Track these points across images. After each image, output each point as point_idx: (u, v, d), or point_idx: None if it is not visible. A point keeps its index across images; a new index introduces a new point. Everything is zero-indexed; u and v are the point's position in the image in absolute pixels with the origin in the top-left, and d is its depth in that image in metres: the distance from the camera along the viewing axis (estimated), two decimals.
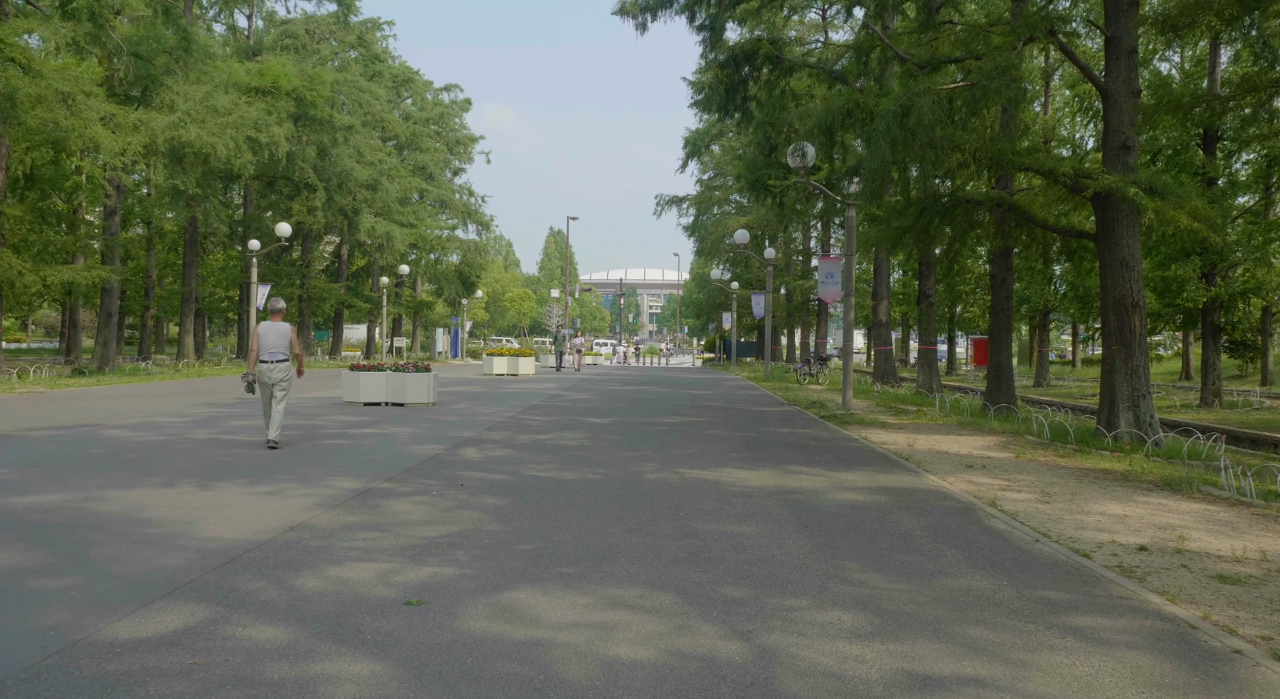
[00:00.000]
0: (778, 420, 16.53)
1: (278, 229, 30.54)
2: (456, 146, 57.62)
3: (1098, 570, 5.79)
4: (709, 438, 13.17)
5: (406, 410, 16.62)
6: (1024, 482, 9.58)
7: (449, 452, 10.96)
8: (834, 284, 17.82)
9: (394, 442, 11.81)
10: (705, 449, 11.78)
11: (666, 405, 19.52)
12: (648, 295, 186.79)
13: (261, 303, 30.71)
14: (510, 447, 11.62)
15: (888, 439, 13.54)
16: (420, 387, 17.45)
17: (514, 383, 27.52)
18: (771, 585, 5.28)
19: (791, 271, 49.97)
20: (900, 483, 9.25)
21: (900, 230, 15.53)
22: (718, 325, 68.69)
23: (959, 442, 13.46)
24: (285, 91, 29.50)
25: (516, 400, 20.00)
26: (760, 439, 13.15)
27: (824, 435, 13.88)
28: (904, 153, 11.68)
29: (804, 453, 11.63)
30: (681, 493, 8.38)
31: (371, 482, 8.60)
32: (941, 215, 15.13)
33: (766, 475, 9.58)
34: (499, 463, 10.10)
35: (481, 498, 7.90)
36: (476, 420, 14.98)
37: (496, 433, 13.17)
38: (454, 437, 12.54)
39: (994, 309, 18.68)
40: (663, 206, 55.46)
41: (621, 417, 16.48)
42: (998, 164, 13.04)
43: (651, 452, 11.43)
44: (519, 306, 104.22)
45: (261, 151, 26.93)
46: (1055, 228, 14.29)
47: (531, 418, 15.76)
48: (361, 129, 34.43)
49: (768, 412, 18.56)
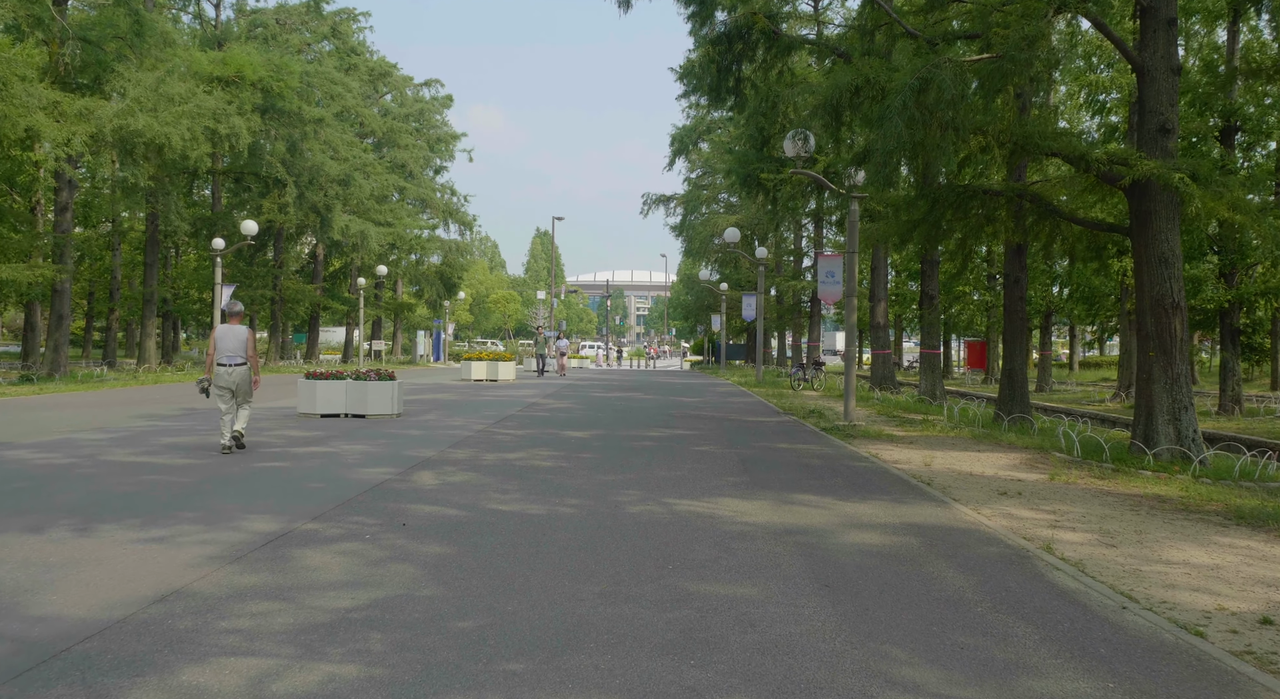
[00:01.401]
0: (775, 433, 15.09)
1: (243, 227, 28.95)
2: (437, 144, 56.02)
3: (1226, 661, 4.35)
4: (700, 456, 11.71)
5: (366, 424, 15.10)
6: (1072, 515, 8.16)
7: (400, 477, 9.45)
8: (834, 284, 16.44)
9: (339, 463, 10.29)
10: (696, 470, 10.32)
11: (653, 416, 18.06)
12: (635, 297, 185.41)
13: (225, 304, 29.06)
14: (473, 469, 10.13)
15: (900, 457, 12.11)
16: (383, 396, 15.92)
17: (492, 389, 26.01)
18: (795, 691, 3.83)
19: (782, 272, 48.62)
20: (929, 517, 7.81)
21: (910, 224, 14.12)
22: (706, 327, 67.33)
23: (979, 459, 12.05)
24: (250, 82, 27.89)
25: (491, 410, 18.49)
26: (758, 457, 11.70)
27: (828, 452, 12.44)
28: (922, 133, 10.25)
29: (809, 475, 10.19)
30: (670, 534, 6.92)
31: (294, 521, 7.10)
32: (955, 208, 13.75)
33: (769, 507, 8.13)
34: (456, 492, 8.61)
35: (423, 545, 6.42)
36: (442, 435, 13.47)
37: (461, 451, 11.67)
38: (411, 456, 11.03)
39: (1007, 310, 17.31)
40: (650, 205, 54.10)
41: (604, 429, 15.01)
42: (1023, 149, 11.63)
43: (635, 475, 9.97)
44: (504, 309, 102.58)
45: (221, 143, 25.32)
46: (1084, 221, 12.90)
47: (504, 432, 14.27)
48: (333, 122, 32.78)
49: (763, 422, 17.12)
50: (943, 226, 14.21)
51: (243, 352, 10.89)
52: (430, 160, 55.47)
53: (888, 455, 12.26)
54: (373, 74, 46.72)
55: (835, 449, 12.82)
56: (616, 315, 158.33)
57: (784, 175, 23.20)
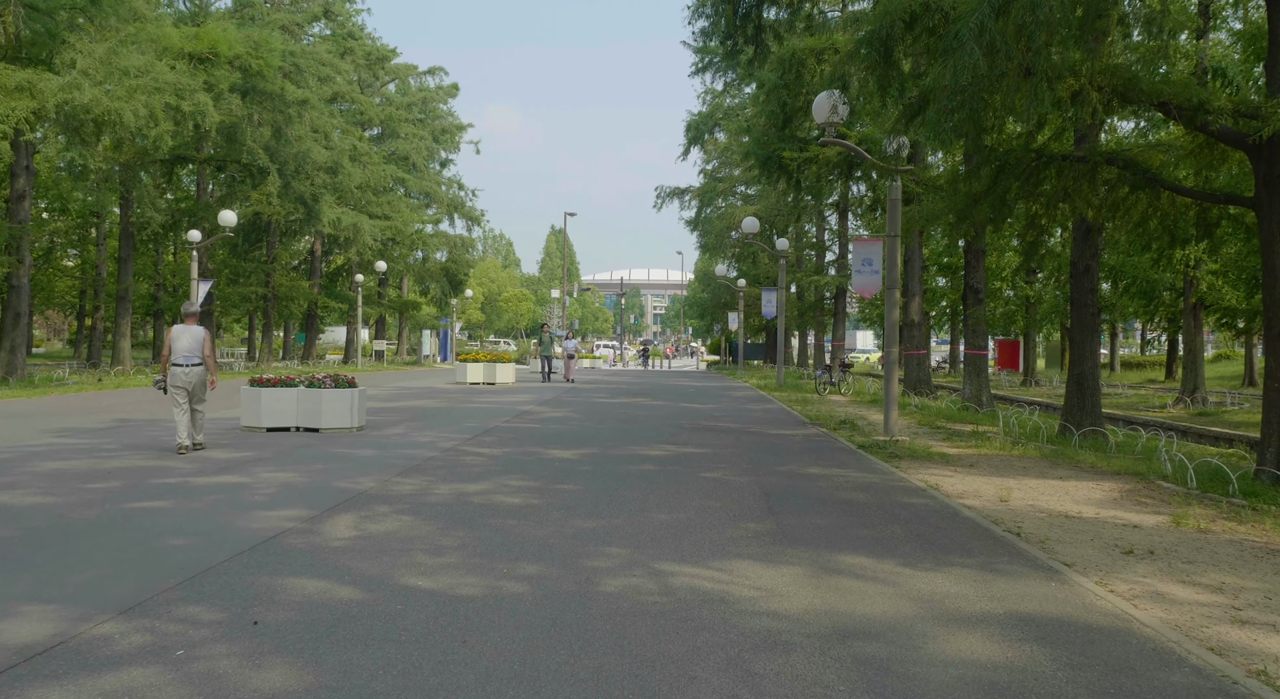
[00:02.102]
0: (803, 452, 12.59)
1: (220, 217, 26.76)
2: (442, 135, 53.75)
3: None
4: (711, 487, 9.24)
5: (316, 440, 12.72)
6: (1252, 595, 5.64)
7: (306, 526, 7.04)
8: (872, 273, 13.94)
9: (238, 504, 7.89)
10: (705, 512, 7.86)
11: (659, 427, 15.60)
12: (652, 296, 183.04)
13: (200, 300, 26.89)
14: (413, 510, 7.71)
15: (965, 487, 9.60)
16: (340, 407, 13.54)
17: (485, 394, 23.62)
18: None
19: (803, 268, 46.02)
20: (1044, 602, 5.31)
21: (970, 199, 11.59)
22: (723, 326, 64.82)
23: (1067, 491, 9.52)
24: (227, 59, 25.62)
25: (473, 421, 16.09)
26: (785, 489, 9.22)
27: (873, 480, 9.93)
28: (1004, 64, 7.73)
29: (855, 519, 7.70)
30: (660, 638, 4.48)
31: (86, 618, 4.70)
32: (1025, 179, 11.21)
33: (806, 579, 5.67)
34: (369, 553, 6.19)
35: (260, 673, 4.00)
36: (397, 457, 11.07)
37: (409, 481, 9.25)
38: (341, 490, 8.63)
39: (1075, 304, 14.74)
40: (663, 199, 51.67)
41: (598, 446, 12.56)
42: (1124, 96, 9.09)
43: (623, 519, 7.52)
44: (516, 307, 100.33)
45: (185, 122, 23.11)
46: (1196, 191, 10.34)
47: (476, 451, 11.84)
48: (320, 105, 30.49)
49: (787, 437, 14.63)
50: (1009, 201, 11.67)
51: (199, 351, 11.02)
52: (435, 152, 53.21)
53: (949, 485, 9.74)
54: (370, 59, 44.42)
55: (881, 476, 10.31)
56: (632, 314, 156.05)
57: (809, 154, 20.68)
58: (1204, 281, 23.18)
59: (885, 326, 13.86)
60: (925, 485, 9.64)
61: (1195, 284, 23.46)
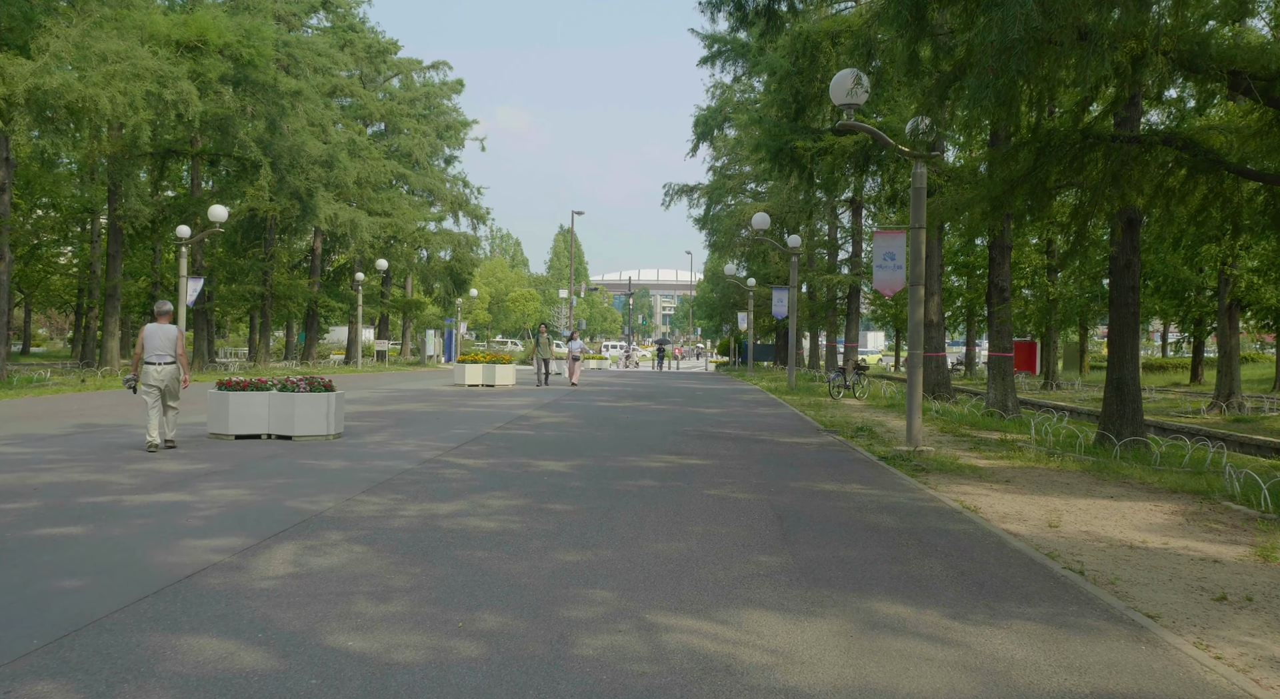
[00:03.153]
0: (818, 464, 11.45)
1: (211, 213, 25.74)
2: (446, 131, 52.70)
3: None
4: (716, 508, 8.12)
5: (287, 449, 11.64)
6: None
7: (234, 561, 5.95)
8: (894, 269, 12.79)
9: (166, 530, 6.81)
10: (709, 540, 6.74)
11: (662, 434, 14.48)
12: (661, 296, 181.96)
13: (191, 299, 25.94)
14: (368, 539, 6.61)
15: (1006, 508, 8.45)
16: (315, 412, 12.46)
17: (483, 397, 22.54)
18: None
19: (815, 266, 44.81)
20: (1140, 680, 4.17)
21: (1006, 185, 10.43)
22: (732, 326, 63.68)
23: (1122, 514, 8.36)
24: (216, 47, 24.62)
25: (463, 427, 15.00)
26: (800, 512, 8.09)
27: (900, 500, 8.79)
28: (1064, 18, 6.59)
29: (886, 551, 6.57)
30: None
31: None
32: (1069, 162, 10.05)
33: (832, 641, 4.55)
34: (298, 599, 5.09)
35: None
36: (368, 470, 9.98)
37: (373, 501, 8.16)
38: (292, 512, 7.54)
39: (1114, 303, 13.54)
40: (671, 196, 50.56)
41: (593, 457, 11.45)
42: (1190, 64, 7.92)
43: (613, 551, 6.41)
44: (523, 307, 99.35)
45: (167, 111, 22.09)
46: (1273, 176, 9.16)
47: (457, 464, 10.74)
48: (314, 96, 29.45)
49: (801, 446, 13.49)
50: (1049, 187, 10.51)
51: (171, 350, 11.12)
52: (438, 148, 52.17)
53: (987, 505, 8.59)
54: (370, 52, 43.36)
55: (908, 494, 9.16)
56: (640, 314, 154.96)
57: (824, 144, 19.53)
58: (1243, 280, 21.93)
59: (909, 327, 12.71)
60: (960, 506, 8.48)
61: (1231, 282, 22.22)
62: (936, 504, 8.56)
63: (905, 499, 8.80)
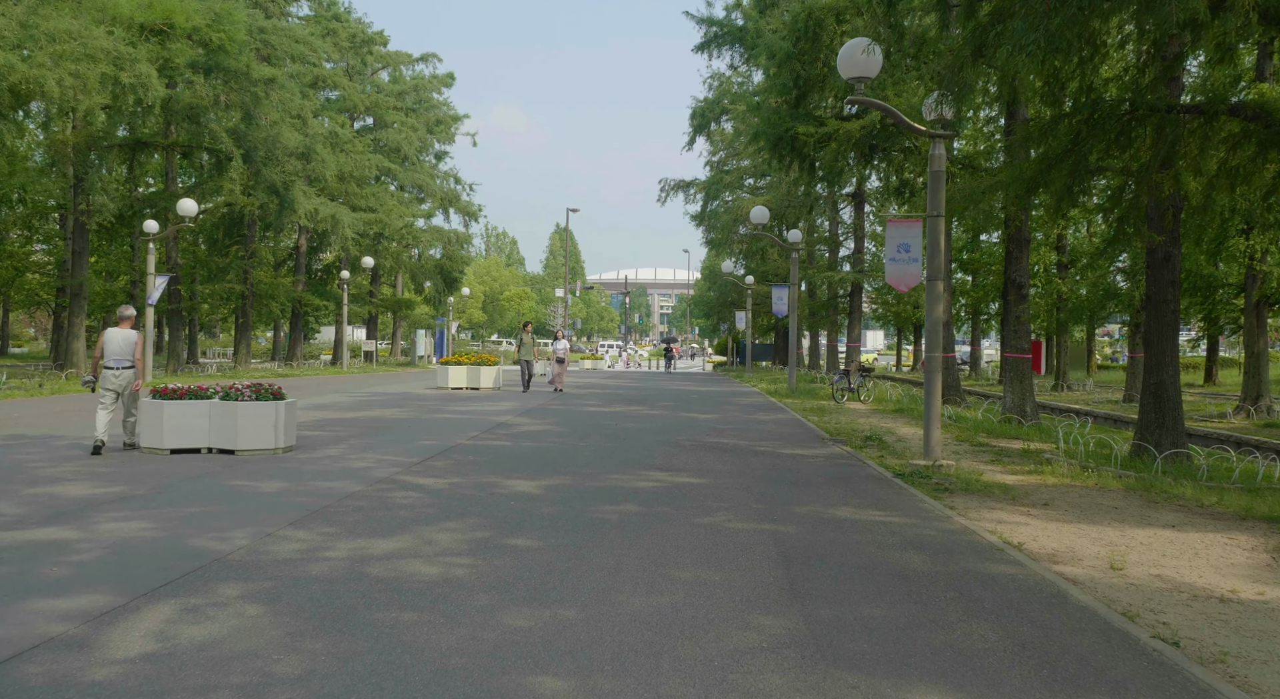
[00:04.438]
0: (826, 482, 10.11)
1: (180, 206, 24.41)
2: (437, 126, 51.30)
3: None
4: (708, 542, 6.78)
5: (224, 466, 10.28)
6: None
7: (81, 632, 4.60)
8: (909, 261, 11.45)
9: (18, 583, 5.45)
10: (698, 591, 5.41)
11: (652, 445, 13.14)
12: (658, 295, 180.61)
13: (154, 297, 24.58)
14: (269, 597, 5.27)
15: (1054, 543, 7.12)
16: (260, 423, 11.11)
17: (464, 402, 21.19)
18: None
19: (815, 264, 43.50)
20: None
21: (1042, 165, 9.09)
22: (730, 325, 62.38)
23: (1191, 548, 7.03)
24: (184, 31, 23.26)
25: (434, 436, 13.65)
26: (810, 549, 6.75)
27: (928, 533, 7.44)
28: None
29: (919, 607, 5.23)
30: None
31: None
32: (1115, 137, 8.72)
33: None
34: None
35: None
36: (309, 492, 8.62)
37: (297, 537, 6.81)
38: (190, 555, 6.20)
39: (1152, 300, 12.21)
40: (667, 192, 49.22)
41: (573, 474, 10.12)
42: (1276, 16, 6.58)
43: (577, 609, 5.08)
44: (518, 306, 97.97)
45: (125, 96, 20.71)
46: None
47: (416, 483, 9.39)
48: (289, 83, 28.06)
49: (805, 459, 12.15)
50: (1089, 167, 9.17)
51: (129, 354, 11.03)
52: (428, 144, 50.78)
53: (1030, 538, 7.26)
54: (355, 42, 41.91)
55: (934, 523, 7.83)
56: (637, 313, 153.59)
57: (828, 130, 18.19)
58: (1274, 275, 20.61)
59: (926, 326, 11.38)
60: (1000, 541, 7.14)
61: (1261, 279, 20.91)
62: (971, 537, 7.22)
63: (933, 531, 7.46)
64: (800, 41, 18.83)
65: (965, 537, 7.24)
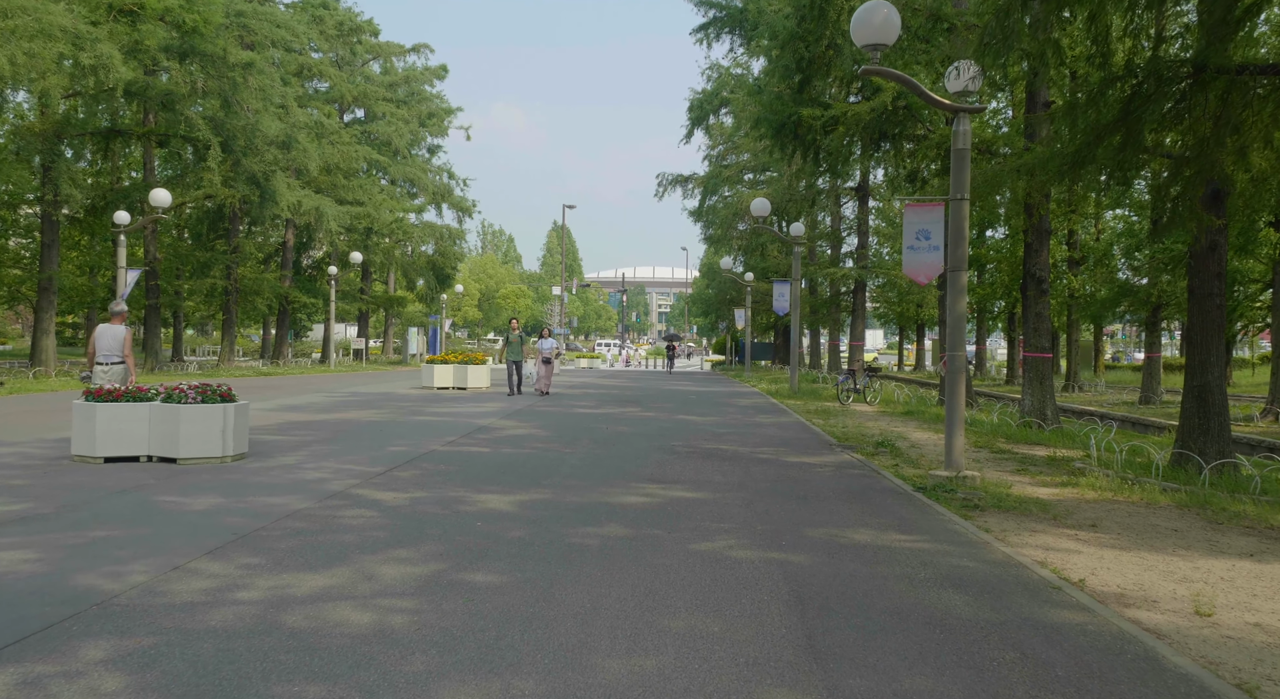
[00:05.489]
0: (839, 497, 8.96)
1: (153, 197, 23.24)
2: (429, 119, 50.08)
3: None
4: (705, 578, 5.63)
5: (158, 477, 9.12)
6: None
7: None
8: (929, 250, 10.30)
9: None
10: (692, 645, 4.27)
11: (645, 451, 11.98)
12: (657, 294, 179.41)
13: (125, 291, 23.42)
14: (142, 662, 4.12)
15: (1118, 579, 5.97)
16: (206, 429, 9.95)
17: (447, 402, 20.02)
18: None
19: (816, 261, 42.35)
20: None
21: (1091, 136, 7.95)
22: (729, 324, 61.23)
23: (1270, 581, 5.89)
24: (156, 13, 22.05)
25: (407, 441, 12.49)
26: (828, 587, 5.60)
27: (966, 566, 6.30)
28: None
29: (974, 680, 4.09)
30: None
31: None
32: (1174, 105, 7.59)
33: None
34: None
35: None
36: (246, 510, 7.47)
37: (210, 570, 5.66)
38: (73, 594, 5.05)
39: (1195, 294, 11.07)
40: (665, 187, 48.04)
41: (553, 487, 8.96)
42: None
43: (536, 679, 3.94)
44: (514, 304, 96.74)
45: (85, 78, 19.51)
46: None
47: (372, 498, 8.24)
48: (267, 68, 26.78)
49: (813, 470, 10.99)
50: (1141, 141, 8.02)
51: (119, 350, 11.25)
52: (420, 137, 49.56)
53: (1089, 572, 6.12)
54: (342, 29, 40.63)
55: (971, 551, 6.67)
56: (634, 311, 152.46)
57: (835, 112, 17.04)
58: None
59: (949, 322, 10.24)
60: (1054, 576, 5.99)
61: None
62: (1019, 571, 6.07)
63: (972, 562, 6.31)
64: (805, 20, 17.66)
65: (1012, 570, 6.09)
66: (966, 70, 10.04)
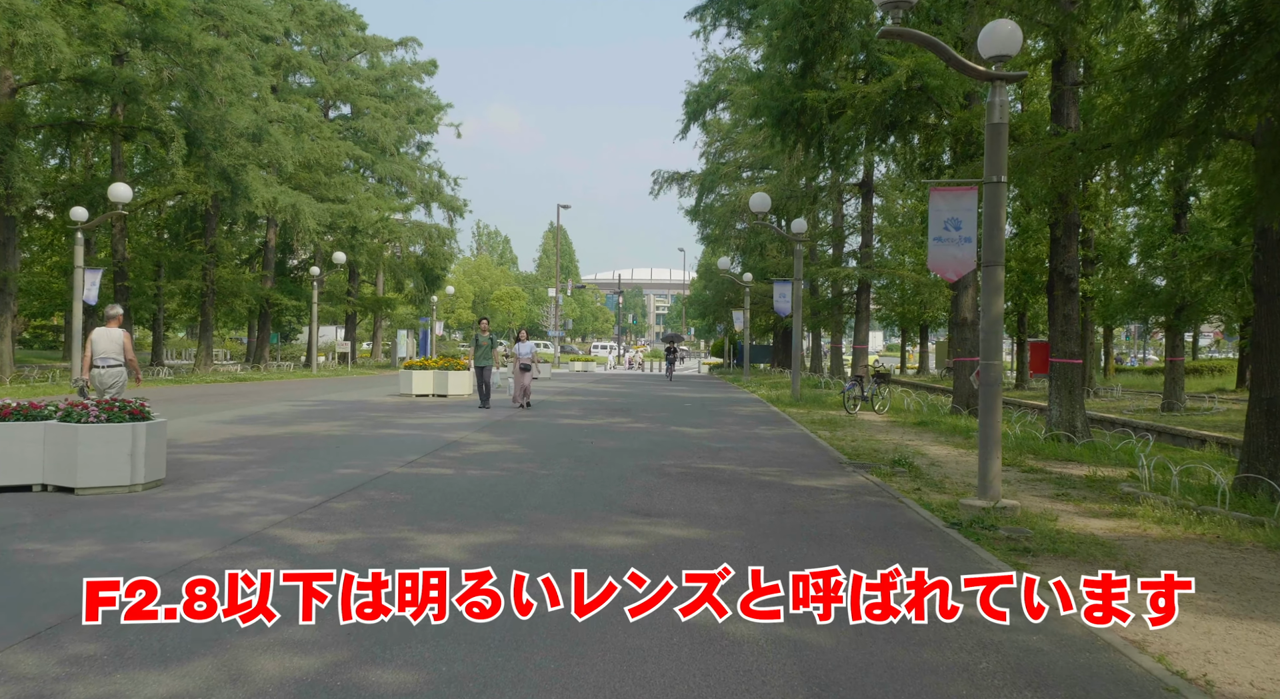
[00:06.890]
0: (857, 535, 7.47)
1: (112, 191, 21.72)
2: (418, 116, 48.62)
3: None
4: (695, 663, 4.15)
5: (46, 510, 7.63)
6: None
7: None
8: (960, 242, 8.82)
9: None
10: None
11: (631, 473, 10.49)
12: (654, 295, 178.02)
13: (90, 295, 21.96)
14: None
15: (1249, 675, 4.49)
16: (111, 452, 8.45)
17: (422, 412, 18.53)
18: None
19: (817, 260, 40.89)
20: None
21: (1164, 105, 6.50)
22: (727, 326, 59.80)
23: None
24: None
25: (361, 461, 11.00)
26: (854, 683, 4.11)
27: (1036, 650, 4.81)
28: None
29: None
30: None
31: None
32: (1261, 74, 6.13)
33: None
34: None
35: None
36: (123, 565, 5.97)
37: (22, 668, 4.15)
38: None
39: (1261, 293, 9.61)
40: (660, 184, 46.66)
41: (514, 525, 7.47)
42: None
43: None
44: (508, 306, 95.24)
45: (24, 58, 18.04)
46: None
47: (289, 545, 6.74)
48: (236, 55, 25.22)
49: (824, 495, 9.50)
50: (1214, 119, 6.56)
51: (117, 353, 11.39)
52: (408, 134, 48.07)
53: (1208, 663, 4.64)
54: (323, 19, 39.12)
55: (1039, 625, 5.18)
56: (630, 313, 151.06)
57: (841, 93, 15.58)
58: None
59: (983, 325, 8.75)
60: (1161, 668, 4.50)
61: None
62: (1111, 656, 4.58)
63: (1046, 644, 4.81)
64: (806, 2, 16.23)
65: (1100, 655, 4.61)
66: (1002, 29, 8.57)
